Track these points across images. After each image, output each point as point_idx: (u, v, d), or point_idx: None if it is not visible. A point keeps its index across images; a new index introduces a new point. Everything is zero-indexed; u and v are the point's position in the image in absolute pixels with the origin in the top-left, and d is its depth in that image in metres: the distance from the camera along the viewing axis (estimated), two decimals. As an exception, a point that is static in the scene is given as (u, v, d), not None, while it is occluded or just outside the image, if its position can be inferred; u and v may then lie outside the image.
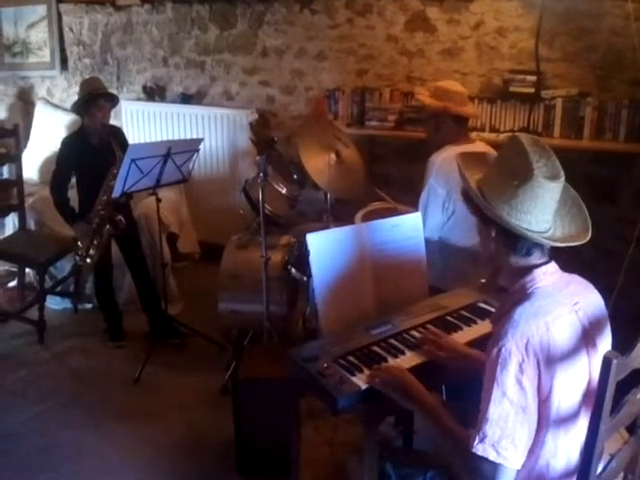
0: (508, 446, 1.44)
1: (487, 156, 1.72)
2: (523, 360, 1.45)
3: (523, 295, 1.55)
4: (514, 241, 1.56)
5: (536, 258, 1.58)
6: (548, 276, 1.57)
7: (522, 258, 1.58)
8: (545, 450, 1.51)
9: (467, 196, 1.65)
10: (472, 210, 1.65)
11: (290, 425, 2.57)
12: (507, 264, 1.61)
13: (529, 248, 1.56)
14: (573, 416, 1.53)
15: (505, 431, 1.44)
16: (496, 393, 1.45)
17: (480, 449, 1.45)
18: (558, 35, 3.64)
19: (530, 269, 1.57)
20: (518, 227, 1.52)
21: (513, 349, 1.45)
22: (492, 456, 1.44)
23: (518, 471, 1.49)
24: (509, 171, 1.55)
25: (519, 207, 1.52)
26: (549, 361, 1.46)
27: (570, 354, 1.50)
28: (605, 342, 1.61)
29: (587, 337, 1.55)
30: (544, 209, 1.54)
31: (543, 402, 1.48)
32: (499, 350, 1.46)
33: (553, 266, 1.60)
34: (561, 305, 1.54)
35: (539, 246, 1.57)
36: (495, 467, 1.45)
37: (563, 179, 1.54)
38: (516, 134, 1.61)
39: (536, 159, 1.51)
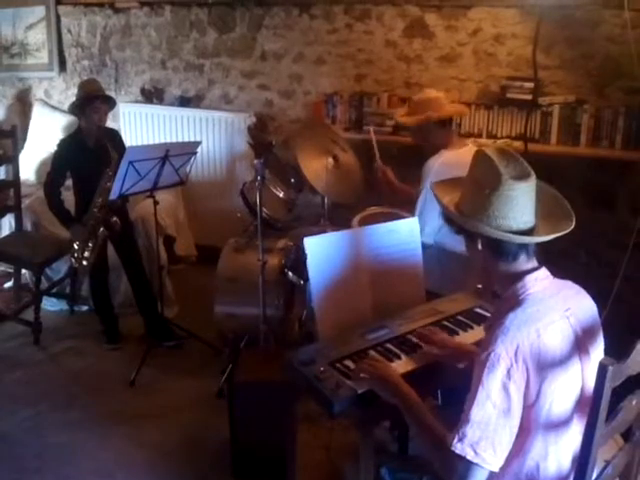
0: (487, 448, 1.46)
1: (462, 178, 1.75)
2: (512, 366, 1.46)
3: (515, 302, 1.57)
4: (499, 247, 1.59)
5: (524, 262, 1.60)
6: (539, 282, 1.59)
7: (510, 264, 1.60)
8: (534, 453, 1.53)
9: (449, 219, 1.70)
10: (456, 230, 1.69)
11: (286, 429, 2.58)
12: (498, 273, 1.63)
13: (515, 253, 1.59)
14: (565, 422, 1.54)
15: (485, 433, 1.46)
16: (480, 395, 1.47)
17: (458, 448, 1.47)
18: (555, 42, 3.66)
19: (521, 275, 1.59)
20: (497, 231, 1.55)
21: (503, 354, 1.47)
22: (470, 456, 1.46)
23: (505, 472, 1.51)
24: (479, 183, 1.59)
25: (496, 214, 1.55)
26: (539, 367, 1.48)
27: (562, 360, 1.51)
28: (598, 349, 1.62)
29: (579, 343, 1.56)
30: (521, 210, 1.56)
31: (530, 407, 1.49)
32: (488, 354, 1.48)
33: (544, 272, 1.62)
34: (552, 311, 1.55)
35: (524, 249, 1.59)
36: (469, 466, 1.46)
37: (533, 178, 1.57)
38: (481, 148, 1.66)
39: (503, 165, 1.55)
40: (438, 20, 3.93)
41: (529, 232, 1.59)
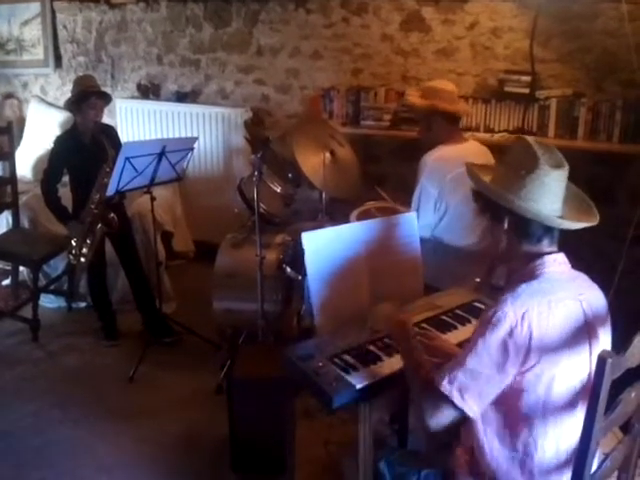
0: (473, 396, 1.50)
1: (495, 164, 1.76)
2: (516, 326, 1.48)
3: (531, 275, 1.59)
4: (526, 228, 1.60)
5: (546, 246, 1.62)
6: (557, 264, 1.61)
7: (534, 246, 1.62)
8: (533, 428, 1.54)
9: (477, 194, 1.69)
10: (482, 207, 1.69)
11: (285, 424, 2.58)
12: (519, 253, 1.64)
13: (540, 235, 1.60)
14: (569, 404, 1.55)
15: (476, 381, 1.50)
16: (479, 346, 1.50)
17: (447, 389, 1.51)
18: (553, 36, 3.66)
19: (541, 255, 1.61)
20: (530, 209, 1.56)
21: (509, 313, 1.49)
22: (456, 399, 1.51)
23: (501, 448, 1.55)
24: (516, 165, 1.61)
25: (529, 196, 1.57)
26: (544, 338, 1.49)
27: (569, 340, 1.52)
28: (607, 339, 1.63)
29: (590, 329, 1.57)
30: (552, 197, 1.59)
31: (523, 374, 1.51)
32: (495, 312, 1.51)
33: (563, 257, 1.64)
34: (566, 291, 1.57)
35: (549, 233, 1.61)
36: (449, 406, 1.52)
37: (567, 168, 1.61)
38: (520, 135, 1.66)
39: (541, 152, 1.58)
40: (435, 14, 3.92)
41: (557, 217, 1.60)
